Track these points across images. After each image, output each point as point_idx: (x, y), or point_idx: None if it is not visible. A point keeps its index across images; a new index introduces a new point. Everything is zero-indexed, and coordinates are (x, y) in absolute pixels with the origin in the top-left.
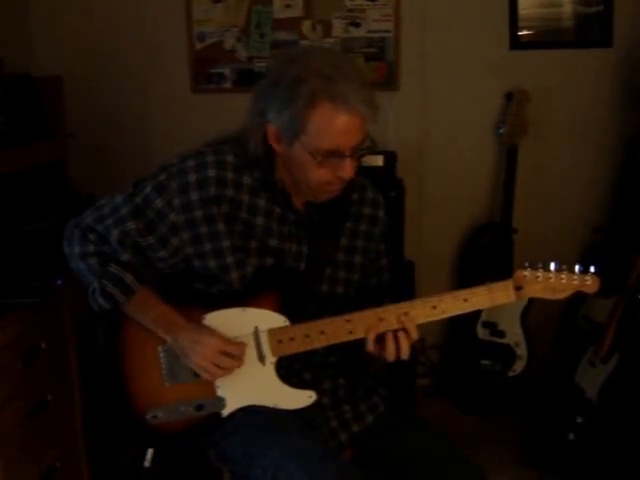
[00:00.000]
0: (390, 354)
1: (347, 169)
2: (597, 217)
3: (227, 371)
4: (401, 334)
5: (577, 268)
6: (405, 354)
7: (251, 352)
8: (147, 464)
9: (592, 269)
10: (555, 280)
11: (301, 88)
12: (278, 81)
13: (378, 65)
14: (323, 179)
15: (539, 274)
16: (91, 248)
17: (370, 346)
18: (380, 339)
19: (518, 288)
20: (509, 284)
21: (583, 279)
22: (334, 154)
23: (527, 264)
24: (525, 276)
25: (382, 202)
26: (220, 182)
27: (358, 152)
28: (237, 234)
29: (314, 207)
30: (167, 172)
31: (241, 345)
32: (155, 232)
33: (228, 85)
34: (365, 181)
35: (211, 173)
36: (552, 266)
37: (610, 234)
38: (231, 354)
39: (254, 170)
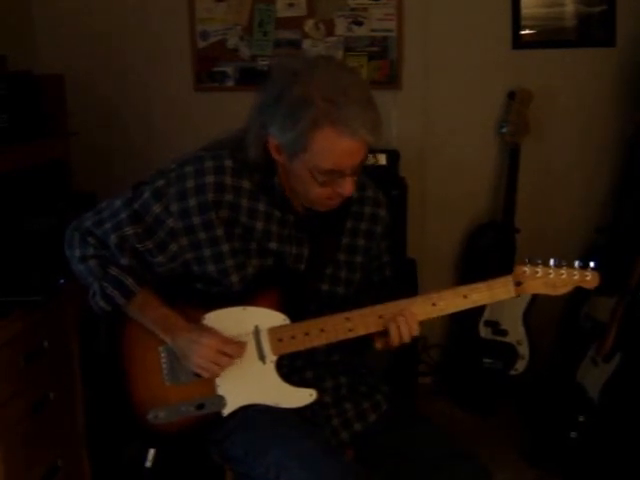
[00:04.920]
0: (394, 339)
1: (347, 187)
2: (599, 216)
3: (225, 368)
4: (400, 318)
5: (577, 263)
6: (405, 337)
7: (251, 351)
8: (149, 464)
9: (592, 264)
10: (555, 276)
11: (305, 111)
12: (281, 97)
13: (381, 64)
14: (323, 195)
15: (539, 269)
16: (91, 251)
17: (377, 345)
18: (385, 333)
19: (518, 284)
20: (509, 280)
21: (583, 274)
22: (334, 173)
23: (527, 260)
24: (525, 272)
25: (383, 200)
26: (219, 188)
27: (359, 170)
28: (237, 237)
29: (314, 209)
30: (165, 178)
31: (240, 344)
32: (153, 237)
33: (231, 83)
34: (366, 179)
35: (209, 179)
36: (552, 262)
37: (612, 234)
38: (229, 354)
39: (254, 174)
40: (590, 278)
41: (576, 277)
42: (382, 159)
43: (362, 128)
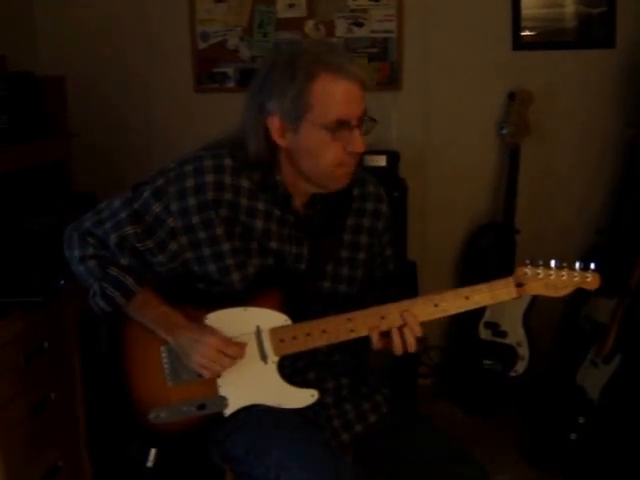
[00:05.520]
0: (397, 349)
1: (357, 141)
2: (599, 218)
3: (226, 368)
4: (406, 329)
5: (577, 265)
6: (412, 347)
7: (253, 351)
8: (150, 464)
9: (592, 266)
10: (556, 277)
11: (298, 63)
12: (274, 68)
13: (381, 65)
14: (335, 159)
15: (540, 271)
16: (90, 251)
17: (375, 344)
18: (385, 334)
19: (519, 285)
20: (510, 281)
21: (584, 276)
22: (343, 125)
23: (528, 261)
24: (526, 273)
25: (384, 196)
26: (218, 186)
27: (364, 123)
28: (237, 236)
29: (314, 207)
30: (165, 177)
31: (241, 345)
32: (153, 237)
33: (231, 84)
34: (367, 175)
35: (209, 178)
36: (553, 263)
37: (612, 235)
38: (231, 356)
39: (253, 172)
40: (591, 279)
41: (577, 278)
42: (382, 160)
43: (355, 69)
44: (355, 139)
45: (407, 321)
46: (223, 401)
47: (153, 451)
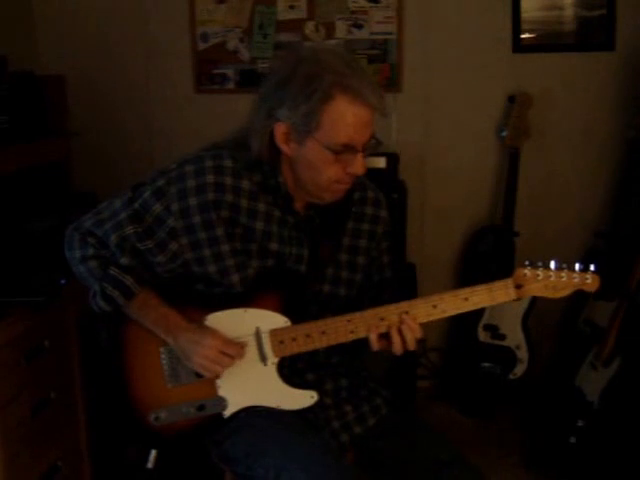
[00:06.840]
0: (397, 348)
1: (359, 165)
2: (599, 221)
3: (227, 368)
4: (405, 327)
5: (577, 266)
6: (411, 346)
7: (253, 353)
8: (150, 465)
9: (592, 267)
10: (555, 278)
11: (317, 83)
12: (290, 79)
13: (381, 67)
14: (334, 177)
15: (539, 272)
16: (91, 251)
17: (374, 346)
18: (384, 336)
19: (518, 286)
20: (509, 282)
21: (583, 277)
22: (348, 149)
23: (527, 262)
24: (525, 274)
25: (384, 201)
26: (219, 187)
27: (368, 148)
28: (237, 237)
29: (315, 209)
30: (166, 177)
31: (241, 345)
32: (154, 237)
33: (231, 86)
34: (366, 181)
35: (209, 179)
36: (552, 264)
37: (611, 238)
38: (230, 355)
39: (254, 174)
40: (590, 281)
41: (576, 280)
42: (381, 162)
43: (372, 95)
44: (357, 162)
45: (406, 322)
46: (222, 402)
47: (153, 452)
